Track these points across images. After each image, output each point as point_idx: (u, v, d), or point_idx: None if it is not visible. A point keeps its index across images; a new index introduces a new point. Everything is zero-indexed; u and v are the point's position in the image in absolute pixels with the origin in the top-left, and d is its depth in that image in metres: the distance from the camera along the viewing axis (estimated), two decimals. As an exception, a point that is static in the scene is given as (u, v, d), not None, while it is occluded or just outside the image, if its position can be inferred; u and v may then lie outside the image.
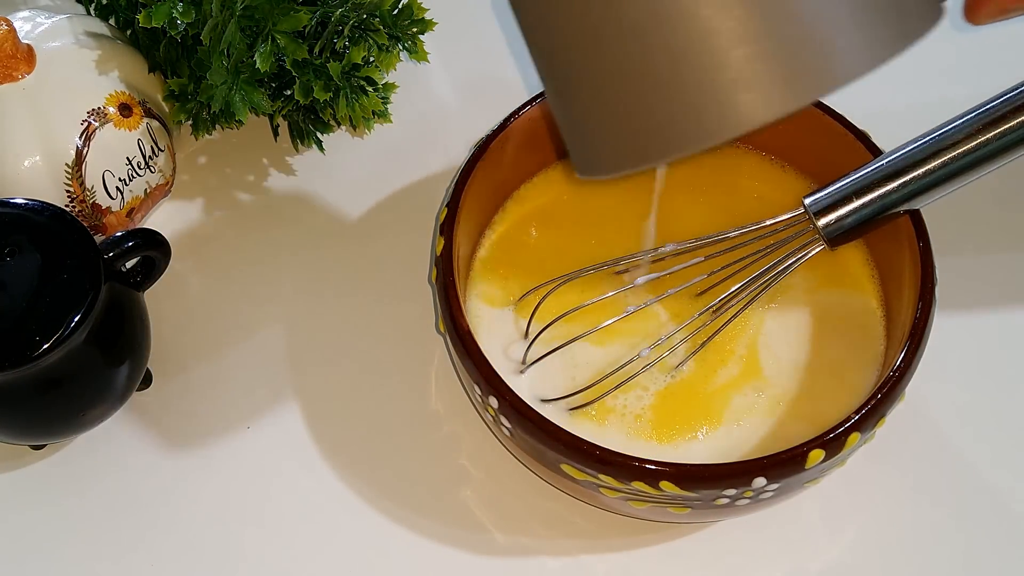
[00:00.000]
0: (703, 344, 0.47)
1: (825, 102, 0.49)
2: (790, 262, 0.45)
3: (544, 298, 0.47)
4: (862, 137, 0.48)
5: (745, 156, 0.52)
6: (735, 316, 0.46)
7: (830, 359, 0.47)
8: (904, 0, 0.32)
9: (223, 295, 0.55)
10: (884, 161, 0.44)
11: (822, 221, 0.44)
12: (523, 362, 0.47)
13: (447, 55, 0.62)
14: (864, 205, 0.44)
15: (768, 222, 0.46)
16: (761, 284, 0.46)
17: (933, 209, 0.46)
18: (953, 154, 0.42)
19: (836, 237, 0.44)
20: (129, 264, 0.49)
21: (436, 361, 0.52)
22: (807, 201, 0.44)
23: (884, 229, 0.47)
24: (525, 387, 0.47)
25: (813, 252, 0.45)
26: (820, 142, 0.49)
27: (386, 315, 0.54)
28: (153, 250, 0.48)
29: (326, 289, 0.55)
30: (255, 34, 0.50)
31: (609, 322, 0.46)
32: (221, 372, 0.53)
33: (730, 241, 0.47)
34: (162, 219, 0.56)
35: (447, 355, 0.52)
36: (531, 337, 0.47)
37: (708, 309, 0.47)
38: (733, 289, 0.45)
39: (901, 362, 0.42)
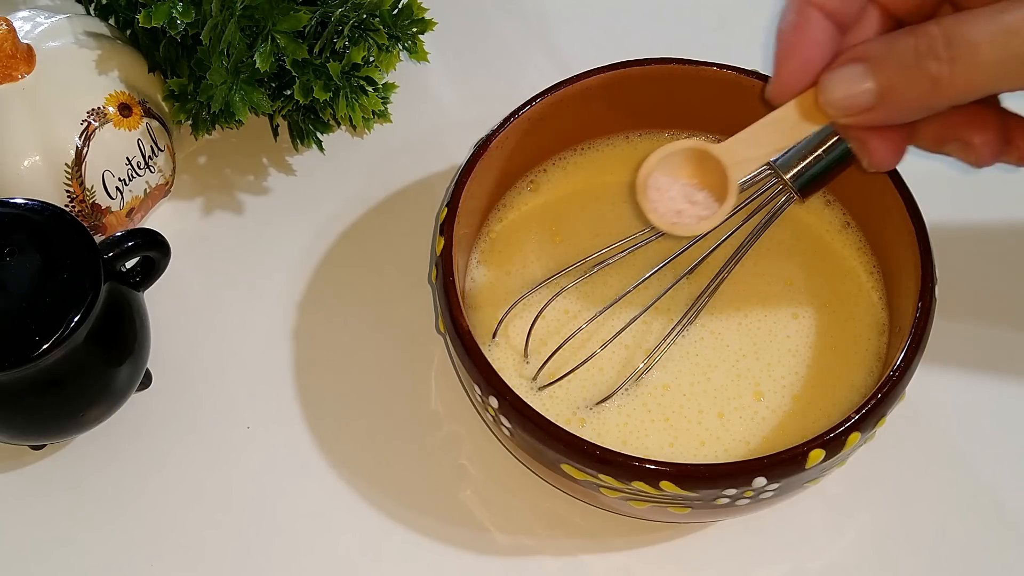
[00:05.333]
0: (690, 311, 0.47)
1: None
2: (767, 218, 0.47)
3: (537, 316, 0.48)
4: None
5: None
6: (720, 283, 0.48)
7: (831, 358, 0.47)
8: None
9: (223, 295, 0.55)
10: None
11: (789, 174, 0.46)
12: (534, 378, 0.47)
13: (447, 55, 0.62)
14: (826, 151, 0.45)
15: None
16: (744, 246, 0.48)
17: (933, 209, 0.46)
18: None
19: (805, 186, 0.46)
20: (129, 264, 0.49)
21: (436, 361, 0.52)
22: (773, 159, 0.46)
23: (885, 228, 0.48)
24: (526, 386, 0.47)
25: (786, 206, 0.47)
26: None
27: (386, 315, 0.54)
28: (153, 250, 0.48)
29: (326, 289, 0.55)
30: (255, 34, 0.50)
31: (598, 313, 0.47)
32: (221, 372, 0.53)
33: None
34: (162, 219, 0.56)
35: (447, 355, 0.52)
36: (536, 359, 0.47)
37: (686, 275, 0.48)
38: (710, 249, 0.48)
39: (901, 362, 0.42)
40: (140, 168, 0.53)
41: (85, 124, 0.50)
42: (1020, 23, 0.31)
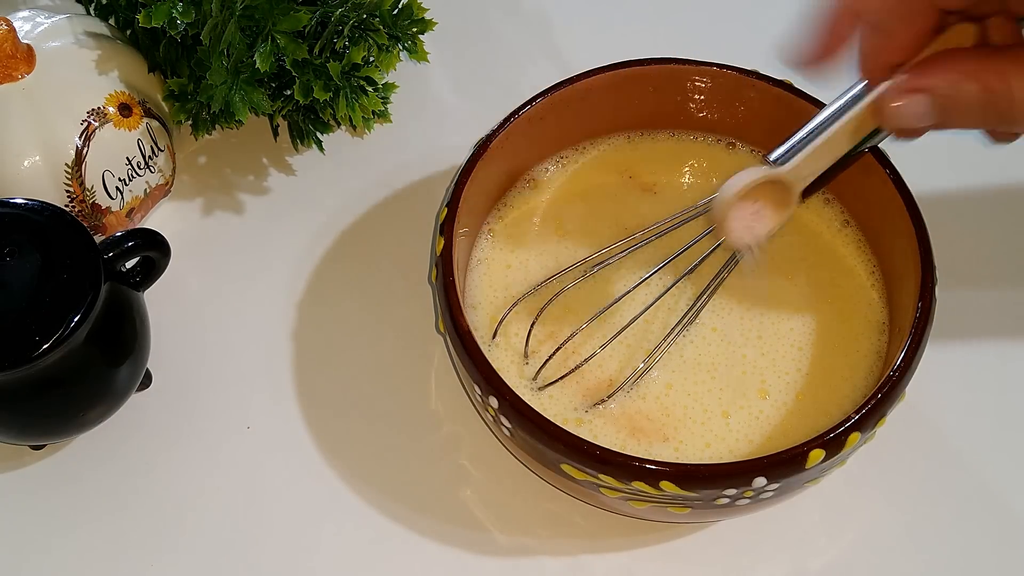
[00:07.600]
0: (690, 311, 0.47)
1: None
2: None
3: (537, 316, 0.47)
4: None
5: (691, 143, 0.53)
6: (720, 283, 0.47)
7: (831, 358, 0.47)
8: None
9: (223, 295, 0.55)
10: (834, 107, 0.43)
11: None
12: (534, 378, 0.47)
13: (447, 55, 0.62)
14: None
15: None
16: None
17: (933, 209, 0.46)
18: None
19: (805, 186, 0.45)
20: (129, 264, 0.49)
21: (436, 361, 0.52)
22: (770, 157, 0.44)
23: (885, 228, 0.48)
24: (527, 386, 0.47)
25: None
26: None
27: (386, 315, 0.54)
28: (153, 250, 0.48)
29: (326, 289, 0.55)
30: (255, 34, 0.50)
31: (599, 313, 0.47)
32: (221, 372, 0.53)
33: (702, 211, 0.48)
34: (162, 219, 0.56)
35: (447, 355, 0.52)
36: (536, 359, 0.47)
37: (686, 274, 0.48)
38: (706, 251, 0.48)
39: (901, 362, 0.42)
40: (140, 168, 0.53)
41: (85, 124, 0.50)
42: None
